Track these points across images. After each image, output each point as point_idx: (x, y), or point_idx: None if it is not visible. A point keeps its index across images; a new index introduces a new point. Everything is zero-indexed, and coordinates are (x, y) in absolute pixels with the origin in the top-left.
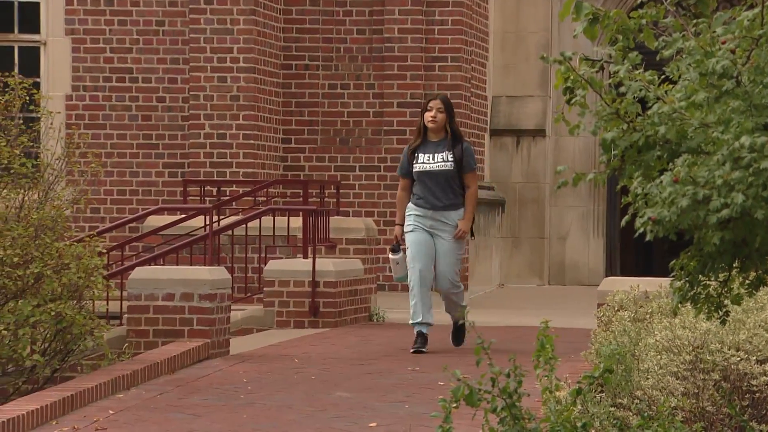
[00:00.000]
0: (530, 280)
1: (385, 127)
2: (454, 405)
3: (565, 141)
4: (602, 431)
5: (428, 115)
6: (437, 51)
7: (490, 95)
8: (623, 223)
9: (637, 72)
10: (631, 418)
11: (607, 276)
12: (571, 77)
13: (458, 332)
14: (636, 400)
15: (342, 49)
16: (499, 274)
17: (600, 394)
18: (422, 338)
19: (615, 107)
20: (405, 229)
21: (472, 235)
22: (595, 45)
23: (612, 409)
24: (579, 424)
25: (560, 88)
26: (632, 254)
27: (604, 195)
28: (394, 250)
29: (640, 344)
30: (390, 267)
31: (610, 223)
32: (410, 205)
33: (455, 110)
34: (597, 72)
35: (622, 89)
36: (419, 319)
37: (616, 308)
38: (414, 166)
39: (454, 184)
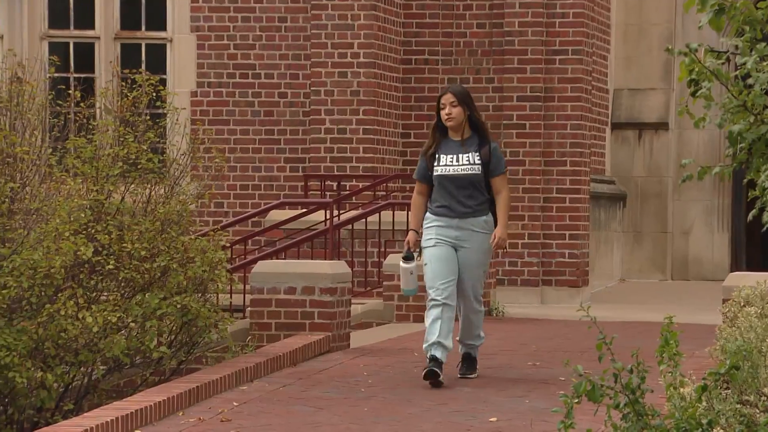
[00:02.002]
0: (652, 275)
1: (504, 121)
2: (576, 400)
3: (689, 134)
4: (728, 429)
5: (443, 114)
6: (558, 44)
7: (612, 88)
8: (750, 217)
9: (765, 63)
10: (758, 415)
11: (732, 271)
12: (696, 69)
13: (469, 361)
14: (763, 398)
15: (462, 44)
16: (620, 269)
17: (726, 391)
18: (436, 363)
19: (742, 99)
20: (425, 243)
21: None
22: (721, 36)
23: (738, 406)
24: (704, 421)
25: (684, 80)
26: (759, 249)
27: (729, 188)
28: (408, 258)
29: (767, 340)
30: (400, 276)
31: (736, 217)
32: (428, 215)
33: (575, 103)
34: (723, 64)
35: (750, 81)
36: (435, 338)
37: (742, 304)
38: (435, 169)
39: (480, 189)
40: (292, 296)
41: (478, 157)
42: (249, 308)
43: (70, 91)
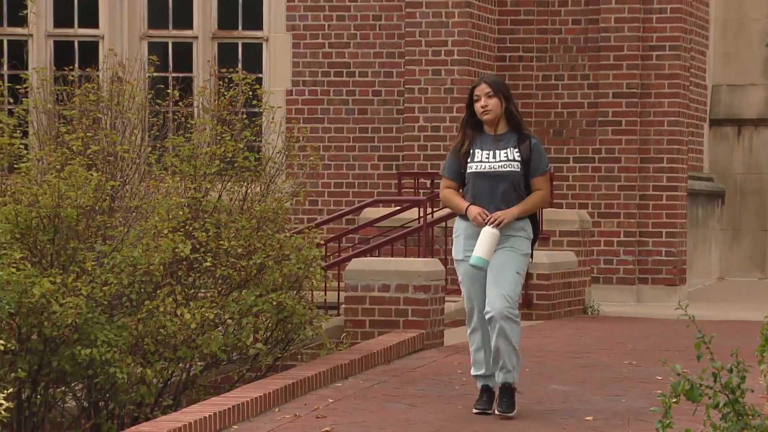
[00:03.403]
0: (751, 274)
1: (600, 118)
2: (674, 400)
3: None
4: None
5: (478, 106)
6: (655, 40)
7: (710, 84)
8: None
9: None
10: None
11: None
12: None
13: (508, 394)
14: None
15: (557, 40)
16: (718, 267)
17: None
18: (489, 395)
19: None
20: (455, 255)
21: (531, 256)
22: None
23: None
24: None
25: None
26: None
27: None
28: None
29: None
30: (479, 244)
31: None
32: (458, 220)
33: (672, 99)
34: None
35: None
36: (483, 371)
37: None
38: (469, 166)
39: (519, 189)
40: (386, 294)
41: (518, 154)
42: (343, 305)
43: (168, 91)
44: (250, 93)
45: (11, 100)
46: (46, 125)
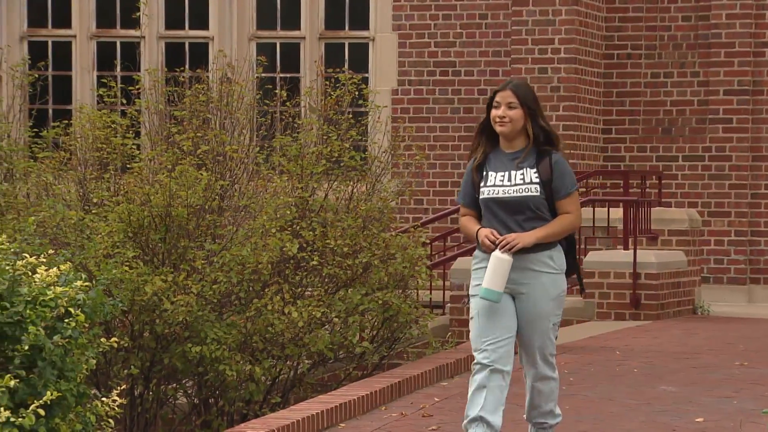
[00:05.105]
0: None
1: (710, 116)
2: None
3: None
4: None
5: (495, 114)
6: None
7: None
8: None
9: None
10: None
11: None
12: None
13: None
14: None
15: (666, 37)
16: None
17: None
18: None
19: None
20: (472, 291)
21: (582, 290)
22: None
23: None
24: None
25: None
26: None
27: None
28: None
29: None
30: (490, 273)
31: None
32: (476, 252)
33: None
34: None
35: None
36: (476, 413)
37: None
38: (482, 190)
39: (542, 215)
40: None
41: (536, 174)
42: (449, 304)
43: (276, 91)
44: (357, 93)
45: (124, 101)
46: (157, 126)
